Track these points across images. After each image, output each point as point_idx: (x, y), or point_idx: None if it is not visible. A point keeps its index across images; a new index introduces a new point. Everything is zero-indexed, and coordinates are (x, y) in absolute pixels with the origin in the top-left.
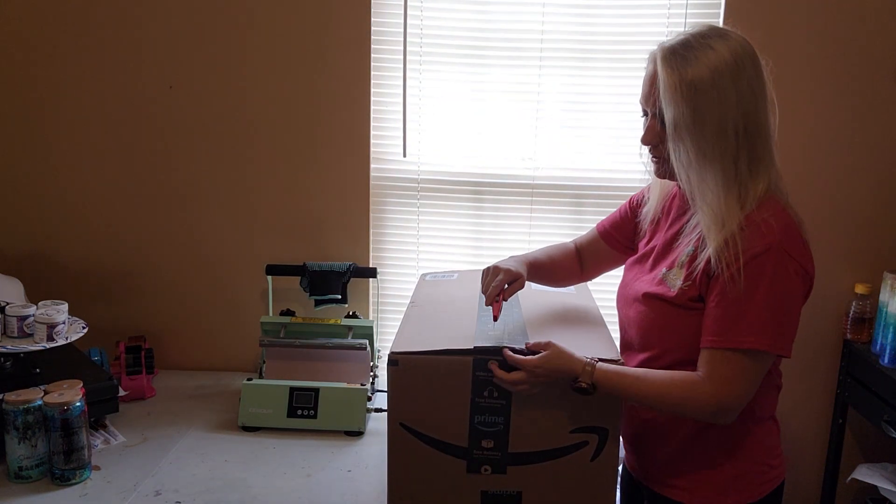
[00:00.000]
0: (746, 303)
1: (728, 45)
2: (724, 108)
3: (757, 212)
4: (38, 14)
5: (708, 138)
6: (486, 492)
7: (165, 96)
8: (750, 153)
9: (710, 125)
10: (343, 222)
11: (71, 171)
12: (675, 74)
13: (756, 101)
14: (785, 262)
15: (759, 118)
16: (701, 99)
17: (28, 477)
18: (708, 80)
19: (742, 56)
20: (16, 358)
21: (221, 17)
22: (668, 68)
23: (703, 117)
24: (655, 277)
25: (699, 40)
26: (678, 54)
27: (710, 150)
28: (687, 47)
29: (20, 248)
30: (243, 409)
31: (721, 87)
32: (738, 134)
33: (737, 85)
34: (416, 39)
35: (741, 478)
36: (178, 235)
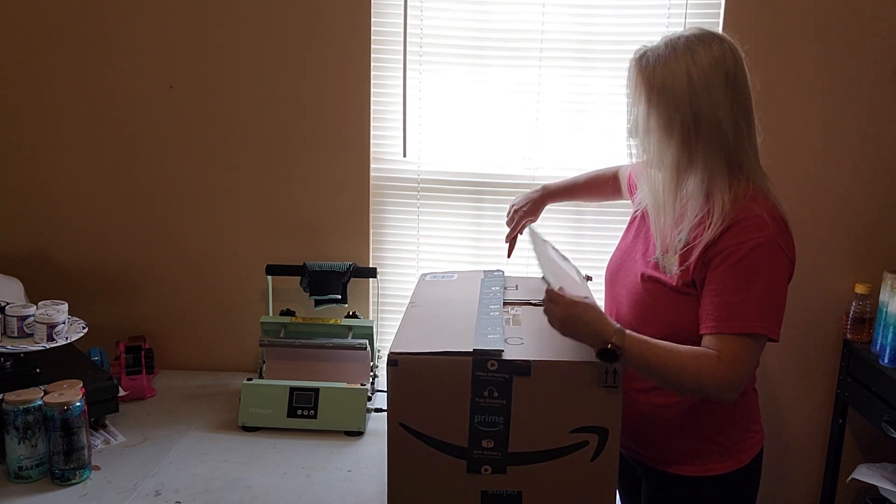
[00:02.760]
0: (750, 291)
1: (693, 49)
2: (673, 107)
3: (752, 206)
4: (38, 14)
5: (657, 134)
6: (486, 492)
7: (165, 96)
8: (708, 153)
9: (659, 123)
10: (343, 222)
11: (71, 171)
12: (638, 75)
13: (713, 97)
14: (778, 254)
15: (718, 119)
16: (653, 97)
17: (28, 477)
18: (660, 79)
19: (703, 56)
20: (16, 358)
21: (221, 17)
22: (634, 69)
23: (653, 115)
24: (650, 261)
25: (668, 42)
26: (645, 56)
27: (659, 146)
28: (655, 50)
29: (20, 248)
30: (243, 409)
31: (672, 88)
32: (687, 131)
33: (691, 84)
34: (416, 39)
35: (734, 445)
36: (178, 235)
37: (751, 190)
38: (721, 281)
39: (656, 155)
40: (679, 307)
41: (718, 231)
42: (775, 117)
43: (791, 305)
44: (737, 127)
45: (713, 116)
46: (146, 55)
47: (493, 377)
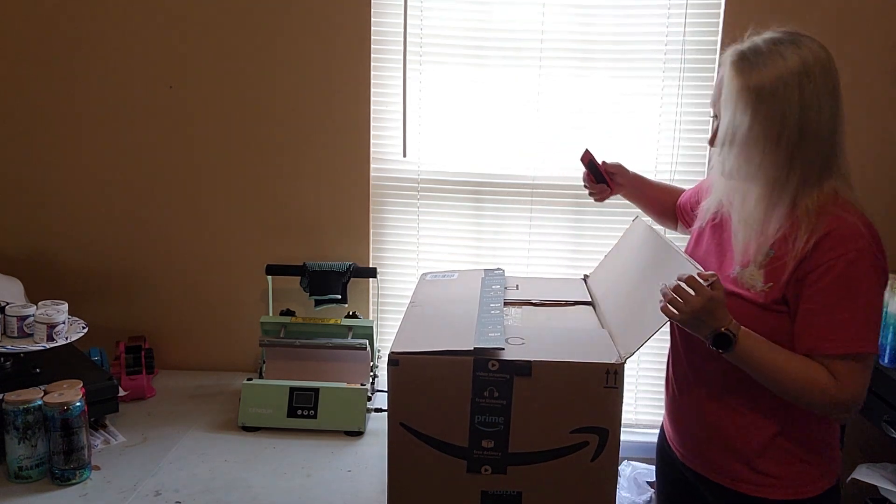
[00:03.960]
0: (854, 309)
1: (799, 52)
2: (781, 119)
3: (843, 215)
4: (38, 14)
5: (759, 147)
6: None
7: (165, 96)
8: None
9: (764, 134)
10: (343, 222)
11: (71, 171)
12: (739, 79)
13: (820, 111)
14: (875, 265)
15: (821, 127)
16: (760, 107)
17: (28, 477)
18: (769, 88)
19: (812, 64)
20: (16, 358)
21: (221, 17)
22: (733, 73)
23: (759, 126)
24: (729, 275)
25: (770, 46)
26: (746, 59)
27: (759, 160)
28: (756, 53)
29: (20, 248)
30: (243, 409)
31: (781, 97)
32: (792, 144)
33: (802, 94)
34: (416, 39)
35: (826, 464)
36: (178, 235)
37: (838, 198)
38: (821, 298)
39: (754, 168)
40: (768, 324)
41: (811, 244)
42: None
43: None
44: (836, 136)
45: (819, 127)
46: (146, 55)
47: (494, 377)
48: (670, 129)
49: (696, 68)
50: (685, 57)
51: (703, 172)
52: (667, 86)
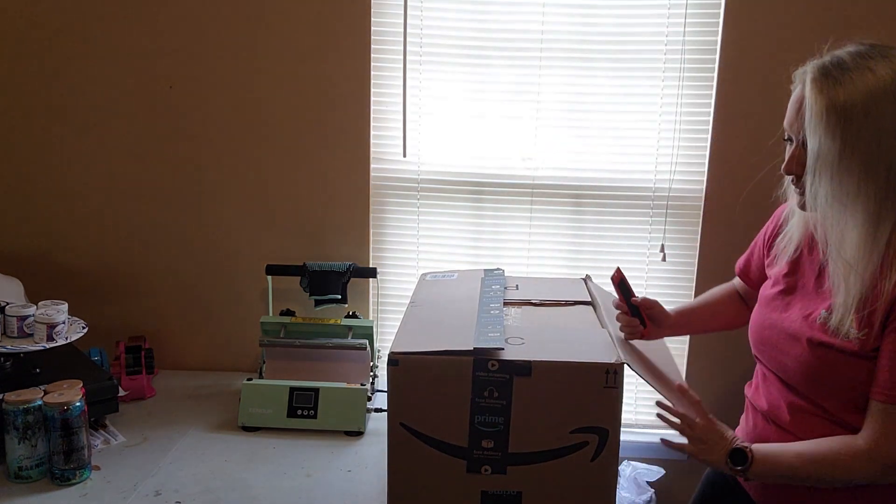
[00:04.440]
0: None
1: (891, 66)
2: (877, 142)
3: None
4: (37, 14)
5: (854, 175)
6: (486, 492)
7: (165, 96)
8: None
9: (859, 160)
10: (343, 222)
11: (71, 171)
12: (824, 98)
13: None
14: None
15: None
16: (851, 128)
17: (28, 477)
18: (861, 107)
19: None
20: (16, 358)
21: (221, 17)
22: (816, 91)
23: (851, 150)
24: (813, 320)
25: (857, 60)
26: (831, 76)
27: (855, 190)
28: (842, 68)
29: (20, 248)
30: (243, 409)
31: (876, 117)
32: (892, 172)
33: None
34: (416, 39)
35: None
36: (178, 235)
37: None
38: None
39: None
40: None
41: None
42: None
43: None
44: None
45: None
46: (146, 55)
47: (494, 377)
48: (670, 129)
49: (696, 68)
50: (685, 57)
51: (703, 172)
52: (667, 86)
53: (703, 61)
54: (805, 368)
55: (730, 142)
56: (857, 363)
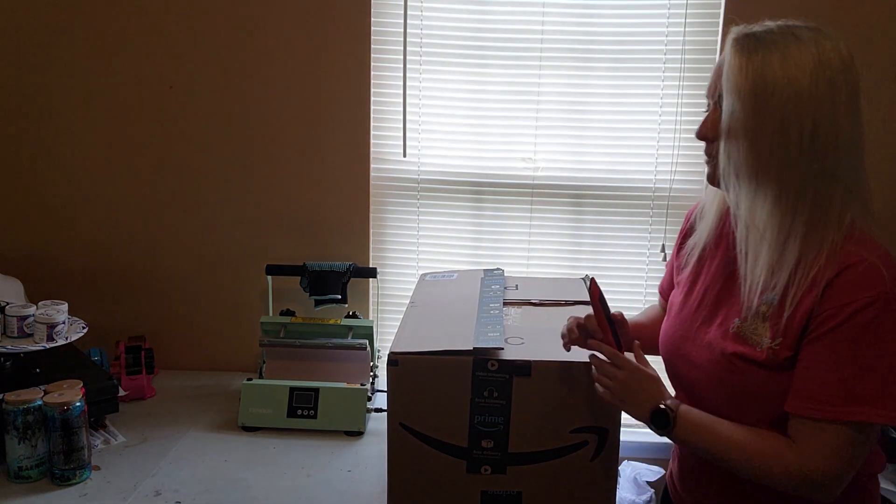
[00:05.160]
0: (857, 366)
1: (816, 39)
2: (792, 108)
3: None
4: (37, 14)
5: (766, 140)
6: (486, 492)
7: (165, 96)
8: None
9: (772, 124)
10: (343, 222)
11: (71, 171)
12: (742, 57)
13: (836, 108)
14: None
15: (839, 130)
16: (767, 90)
17: (28, 477)
18: (779, 69)
19: (830, 55)
20: (16, 358)
21: (222, 17)
22: (736, 50)
23: (765, 112)
24: (727, 330)
25: (784, 28)
26: (753, 37)
27: (767, 155)
28: (766, 32)
29: (20, 248)
30: (243, 409)
31: (794, 82)
32: (805, 141)
33: (816, 84)
34: (416, 39)
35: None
36: (178, 235)
37: (855, 230)
38: (820, 352)
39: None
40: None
41: (820, 288)
42: None
43: None
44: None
45: (838, 134)
46: (146, 55)
47: (493, 377)
48: (670, 129)
49: (696, 68)
50: (685, 57)
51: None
52: (667, 86)
53: (703, 61)
54: (718, 382)
55: None
56: (769, 377)
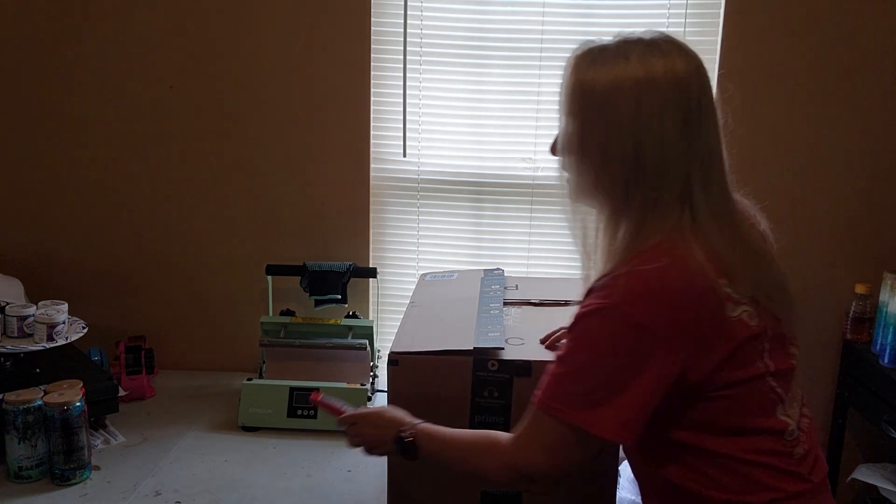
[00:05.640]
0: (565, 364)
1: (648, 59)
2: (614, 130)
3: (635, 261)
4: (37, 14)
5: (593, 159)
6: (486, 492)
7: (165, 96)
8: (646, 192)
9: (597, 144)
10: (343, 222)
11: (71, 170)
12: (574, 76)
13: (663, 129)
14: (619, 326)
15: (664, 151)
16: (589, 112)
17: (28, 477)
18: (601, 91)
19: (661, 77)
20: (16, 358)
21: (221, 17)
22: (571, 68)
23: (590, 132)
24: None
25: (621, 46)
26: (589, 56)
27: (594, 178)
28: (603, 51)
29: (20, 248)
30: (243, 409)
31: (613, 106)
32: (627, 163)
33: (638, 106)
34: (416, 39)
35: None
36: (178, 235)
37: (668, 241)
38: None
39: (590, 185)
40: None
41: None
42: (775, 117)
43: None
44: (687, 164)
45: (661, 151)
46: (146, 55)
47: (494, 377)
48: None
49: None
50: None
51: None
52: None
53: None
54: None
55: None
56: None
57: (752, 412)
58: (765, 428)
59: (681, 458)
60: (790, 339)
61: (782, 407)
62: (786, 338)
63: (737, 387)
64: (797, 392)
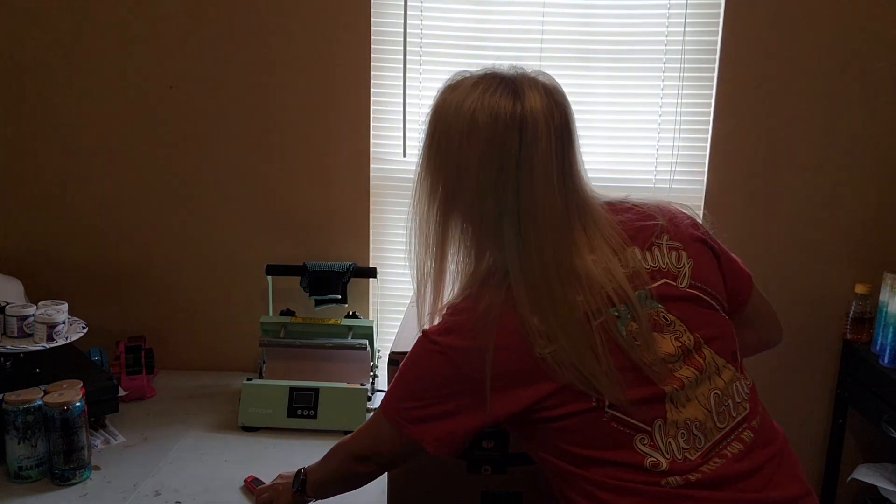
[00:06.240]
0: (398, 374)
1: (482, 97)
2: (429, 158)
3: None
4: (37, 13)
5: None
6: (486, 492)
7: (165, 96)
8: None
9: (430, 164)
10: (343, 222)
11: (71, 170)
12: (435, 99)
13: (468, 173)
14: (430, 354)
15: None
16: (433, 133)
17: (28, 477)
18: (432, 125)
19: (486, 117)
20: (16, 358)
21: (221, 17)
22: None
23: (427, 151)
24: None
25: (472, 80)
26: (449, 82)
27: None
28: (457, 78)
29: (20, 248)
30: (243, 409)
31: (441, 140)
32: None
33: (460, 148)
34: (416, 39)
35: None
36: (178, 235)
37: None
38: None
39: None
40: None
41: None
42: (775, 117)
43: (791, 305)
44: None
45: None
46: (146, 55)
47: None
48: (670, 128)
49: (696, 68)
50: (685, 57)
51: (703, 172)
52: (667, 86)
53: (703, 61)
54: None
55: (730, 141)
56: None
57: (598, 444)
58: (617, 461)
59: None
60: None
61: (646, 438)
62: (647, 365)
63: (568, 419)
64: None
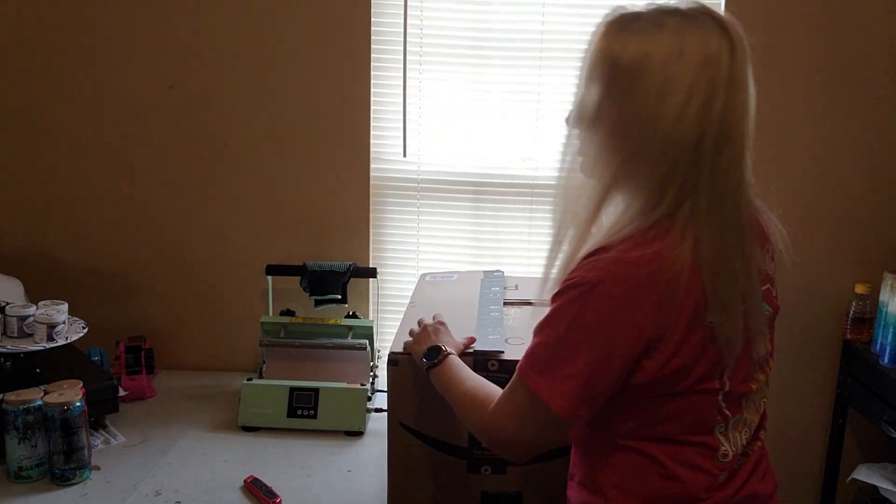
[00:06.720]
0: (539, 334)
1: (681, 33)
2: (632, 101)
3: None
4: (37, 13)
5: (601, 128)
6: (486, 492)
7: (165, 96)
8: (648, 171)
9: (609, 113)
10: (343, 222)
11: (71, 170)
12: (602, 43)
13: (681, 112)
14: (595, 306)
15: (674, 134)
16: (615, 78)
17: (28, 477)
18: (628, 60)
19: (691, 53)
20: (16, 358)
21: (221, 17)
22: (598, 35)
23: (607, 100)
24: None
25: (655, 15)
26: (620, 24)
27: (595, 146)
28: (636, 18)
29: (20, 248)
30: (243, 409)
31: (640, 76)
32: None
33: (665, 81)
34: (416, 39)
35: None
36: (178, 235)
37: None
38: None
39: (591, 161)
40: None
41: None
42: (775, 115)
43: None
44: (699, 161)
45: (679, 132)
46: (146, 55)
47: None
48: None
49: None
50: None
51: None
52: None
53: None
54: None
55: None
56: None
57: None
58: (696, 442)
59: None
60: (760, 363)
61: (723, 428)
62: (752, 361)
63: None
64: (752, 418)
